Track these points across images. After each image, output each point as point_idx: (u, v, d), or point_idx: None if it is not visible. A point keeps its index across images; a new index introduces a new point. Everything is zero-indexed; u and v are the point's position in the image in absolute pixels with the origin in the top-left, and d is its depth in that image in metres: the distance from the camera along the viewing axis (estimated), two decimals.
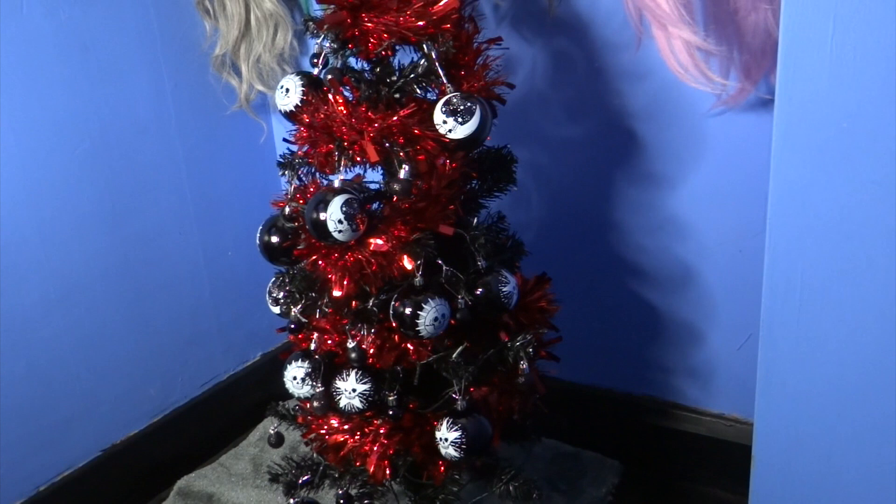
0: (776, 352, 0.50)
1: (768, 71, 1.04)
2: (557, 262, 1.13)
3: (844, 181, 0.45)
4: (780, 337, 0.50)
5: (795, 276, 0.48)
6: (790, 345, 0.50)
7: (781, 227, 0.48)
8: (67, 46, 1.26)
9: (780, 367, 0.51)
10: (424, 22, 0.85)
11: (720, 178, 1.20)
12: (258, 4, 1.42)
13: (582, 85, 1.27)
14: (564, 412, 1.13)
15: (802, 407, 0.51)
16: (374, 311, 0.92)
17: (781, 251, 0.48)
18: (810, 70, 0.44)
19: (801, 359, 0.50)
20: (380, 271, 0.88)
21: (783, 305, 0.49)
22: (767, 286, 0.49)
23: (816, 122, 0.45)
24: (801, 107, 0.45)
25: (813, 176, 0.46)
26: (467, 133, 0.85)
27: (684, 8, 0.96)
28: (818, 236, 0.46)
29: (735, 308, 1.26)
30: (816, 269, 0.47)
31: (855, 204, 0.45)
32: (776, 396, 0.52)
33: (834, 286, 0.47)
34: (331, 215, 0.83)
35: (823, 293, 0.47)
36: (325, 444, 1.00)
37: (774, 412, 0.52)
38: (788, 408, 0.51)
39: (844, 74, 0.43)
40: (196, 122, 1.50)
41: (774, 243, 0.48)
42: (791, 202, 0.47)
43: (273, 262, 0.98)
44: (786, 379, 0.51)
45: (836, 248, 0.46)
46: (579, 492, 1.30)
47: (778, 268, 0.48)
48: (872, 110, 0.43)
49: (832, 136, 0.44)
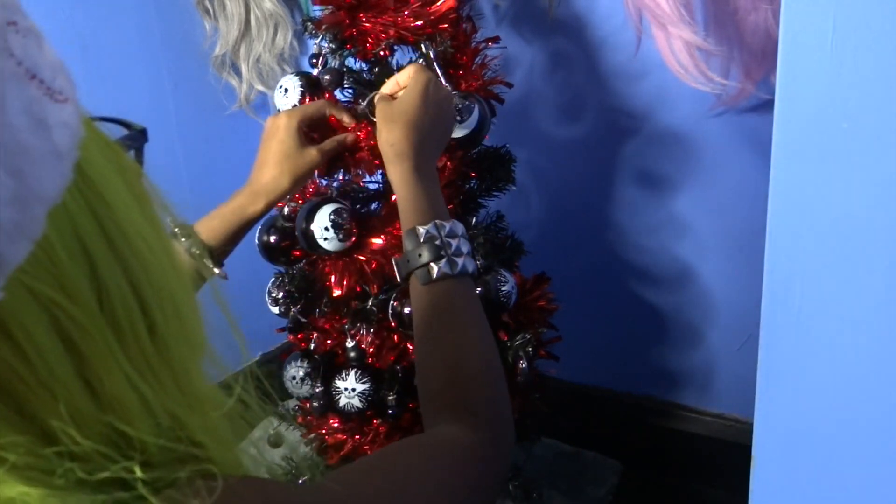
0: (776, 352, 0.50)
1: (768, 71, 1.03)
2: (557, 261, 1.13)
3: (844, 181, 0.45)
4: (780, 337, 0.50)
5: (795, 276, 0.48)
6: (790, 345, 0.49)
7: (781, 227, 0.48)
8: (67, 46, 1.26)
9: (780, 367, 0.51)
10: (422, 22, 0.85)
11: (720, 177, 1.19)
12: (258, 4, 1.42)
13: (581, 85, 1.26)
14: (564, 412, 1.13)
15: (802, 407, 0.51)
16: (374, 311, 0.92)
17: (781, 251, 0.48)
18: (810, 70, 0.44)
19: (801, 359, 0.50)
20: (379, 270, 0.88)
21: (783, 305, 0.49)
22: (767, 286, 0.49)
23: (816, 122, 0.45)
24: (801, 107, 0.45)
25: (813, 176, 0.46)
26: (466, 132, 0.85)
27: (684, 8, 0.96)
28: (818, 236, 0.46)
29: (735, 308, 1.25)
30: (816, 269, 0.47)
31: (855, 204, 0.45)
32: (776, 396, 0.51)
33: (834, 286, 0.47)
34: (317, 224, 0.83)
35: (823, 293, 0.47)
36: (325, 444, 1.00)
37: (774, 412, 0.52)
38: (788, 408, 0.51)
39: (844, 74, 0.43)
40: (196, 122, 1.49)
41: (774, 243, 0.48)
42: (791, 202, 0.47)
43: (272, 261, 0.98)
44: (786, 379, 0.51)
45: (836, 248, 0.46)
46: (579, 492, 1.30)
47: (778, 268, 0.48)
48: (872, 110, 0.43)
49: (832, 136, 0.44)
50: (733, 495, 1.33)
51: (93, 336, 0.29)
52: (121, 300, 0.30)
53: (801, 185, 0.46)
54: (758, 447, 0.53)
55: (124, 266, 0.30)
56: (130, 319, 0.30)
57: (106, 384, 0.29)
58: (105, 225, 0.30)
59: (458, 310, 0.62)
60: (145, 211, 0.33)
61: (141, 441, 0.30)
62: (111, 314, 0.30)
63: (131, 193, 0.32)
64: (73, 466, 0.28)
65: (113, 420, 0.30)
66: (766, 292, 0.48)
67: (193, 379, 0.34)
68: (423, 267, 0.63)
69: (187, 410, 0.33)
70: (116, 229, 0.30)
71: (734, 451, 1.32)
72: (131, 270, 0.30)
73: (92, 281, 0.29)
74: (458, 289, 0.63)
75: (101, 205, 0.30)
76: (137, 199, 0.33)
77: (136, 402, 0.30)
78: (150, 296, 0.31)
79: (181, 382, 0.33)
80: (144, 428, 0.30)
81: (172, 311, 0.33)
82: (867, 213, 0.44)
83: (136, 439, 0.30)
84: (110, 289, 0.30)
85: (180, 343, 0.33)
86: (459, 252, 0.64)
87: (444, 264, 0.62)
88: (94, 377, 0.29)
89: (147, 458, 0.30)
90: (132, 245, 0.31)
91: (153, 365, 0.32)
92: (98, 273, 0.29)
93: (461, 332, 0.61)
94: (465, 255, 0.64)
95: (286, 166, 0.77)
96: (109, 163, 0.31)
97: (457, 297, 0.63)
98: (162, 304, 0.32)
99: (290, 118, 0.78)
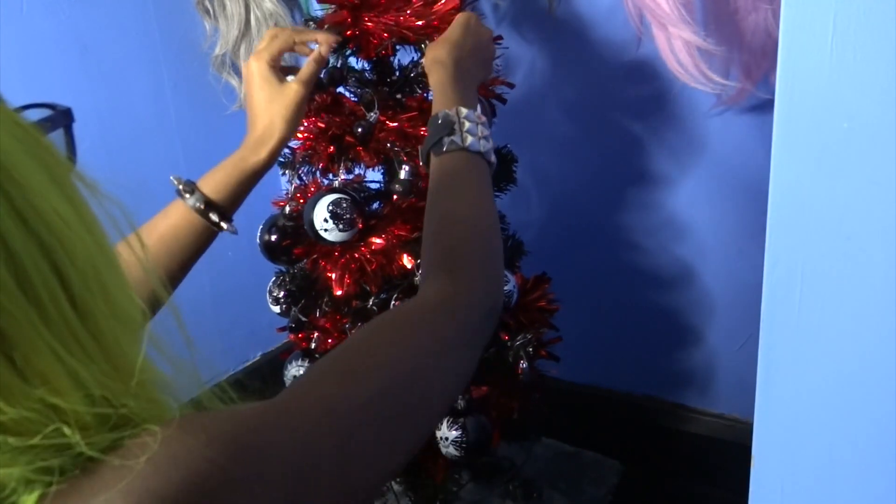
0: (776, 352, 0.50)
1: (768, 71, 1.03)
2: (557, 261, 1.13)
3: (844, 181, 0.45)
4: (780, 337, 0.50)
5: (795, 276, 0.48)
6: (790, 345, 0.50)
7: (781, 227, 0.48)
8: (67, 46, 1.26)
9: (780, 367, 0.51)
10: (424, 21, 0.85)
11: (720, 177, 1.19)
12: (258, 4, 1.42)
13: (582, 85, 1.26)
14: (564, 412, 1.13)
15: (802, 407, 0.51)
16: (375, 310, 0.92)
17: (781, 251, 0.48)
18: (810, 70, 0.44)
19: (801, 359, 0.50)
20: (380, 270, 0.88)
21: (783, 305, 0.49)
22: (767, 286, 0.49)
23: (816, 122, 0.45)
24: (801, 107, 0.45)
25: (813, 176, 0.46)
26: None
27: (684, 8, 0.96)
28: (818, 236, 0.46)
29: (735, 308, 1.26)
30: (816, 269, 0.47)
31: (855, 204, 0.45)
32: (776, 396, 0.51)
33: (834, 286, 0.47)
34: (317, 215, 0.83)
35: (823, 293, 0.47)
36: None
37: (774, 412, 0.52)
38: (788, 408, 0.51)
39: (844, 74, 0.43)
40: (196, 122, 1.50)
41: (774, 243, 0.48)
42: (791, 202, 0.47)
43: (273, 261, 0.98)
44: (786, 379, 0.51)
45: (836, 248, 0.46)
46: (579, 492, 1.30)
47: (778, 268, 0.48)
48: (872, 110, 0.43)
49: (832, 136, 0.44)
50: (733, 495, 1.32)
51: (12, 314, 0.29)
52: (40, 278, 0.30)
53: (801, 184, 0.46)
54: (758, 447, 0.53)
55: (40, 243, 0.30)
56: (53, 296, 0.31)
57: (32, 360, 0.30)
58: (16, 203, 0.30)
59: (459, 178, 0.64)
60: (64, 190, 0.33)
61: (74, 411, 0.31)
62: (31, 292, 0.30)
63: (47, 173, 0.32)
64: (4, 438, 0.29)
65: (43, 394, 0.30)
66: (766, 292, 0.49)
67: (127, 353, 0.34)
68: (438, 143, 0.65)
69: (120, 383, 0.33)
70: (29, 207, 0.30)
71: (734, 451, 1.32)
72: (49, 248, 0.31)
73: (6, 260, 0.29)
74: (466, 162, 0.65)
75: (11, 184, 0.30)
76: (53, 178, 0.32)
77: (64, 375, 0.31)
78: (72, 273, 0.32)
79: (113, 357, 0.33)
80: (76, 399, 0.31)
81: (98, 287, 0.33)
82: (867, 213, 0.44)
83: (69, 410, 0.31)
84: (27, 267, 0.30)
85: (109, 319, 0.33)
86: (475, 132, 0.66)
87: (456, 137, 0.65)
88: (18, 354, 0.30)
89: (83, 426, 0.31)
90: (48, 223, 0.31)
91: (81, 340, 0.32)
92: (11, 251, 0.29)
93: (458, 197, 0.62)
94: (480, 136, 0.66)
95: (273, 109, 0.76)
96: (20, 143, 0.31)
97: (461, 168, 0.65)
98: (86, 281, 0.32)
99: (259, 61, 0.76)
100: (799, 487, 0.52)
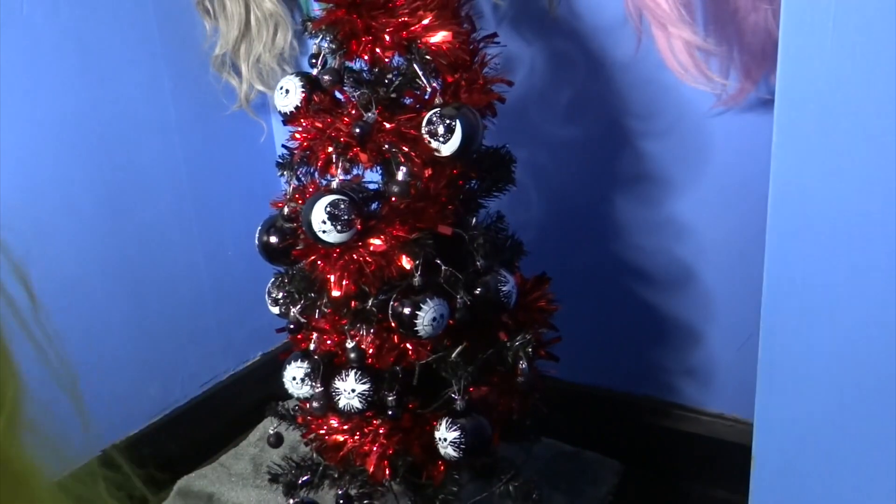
0: (776, 352, 0.50)
1: (768, 71, 1.03)
2: (557, 262, 1.13)
3: (844, 181, 0.45)
4: (780, 337, 0.50)
5: (795, 276, 0.48)
6: (790, 345, 0.49)
7: (781, 227, 0.48)
8: (67, 46, 1.26)
9: (780, 367, 0.51)
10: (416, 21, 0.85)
11: (720, 177, 1.19)
12: (258, 4, 1.42)
13: (582, 85, 1.26)
14: (564, 412, 1.13)
15: (802, 407, 0.51)
16: (373, 312, 0.92)
17: (781, 251, 0.48)
18: (810, 70, 0.44)
19: (801, 359, 0.50)
20: (378, 271, 0.88)
21: (783, 305, 0.49)
22: (767, 286, 0.49)
23: (816, 122, 0.45)
24: (801, 107, 0.45)
25: (813, 176, 0.46)
26: (452, 150, 0.85)
27: (684, 8, 0.96)
28: (818, 236, 0.46)
29: (735, 308, 1.25)
30: (816, 269, 0.47)
31: (855, 204, 0.45)
32: (776, 396, 0.51)
33: (834, 286, 0.47)
34: (315, 216, 0.83)
35: (823, 293, 0.47)
36: (324, 444, 1.00)
37: (774, 412, 0.52)
38: (788, 408, 0.51)
39: (844, 74, 0.43)
40: (196, 122, 1.49)
41: (774, 243, 0.48)
42: (791, 202, 0.47)
43: (272, 262, 0.98)
44: (786, 379, 0.51)
45: (836, 248, 0.46)
46: (579, 492, 1.30)
47: (778, 268, 0.48)
48: (872, 110, 0.43)
49: (832, 136, 0.44)
50: (733, 495, 1.33)
51: None
52: None
53: (801, 184, 0.46)
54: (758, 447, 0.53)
55: None
56: None
57: None
58: None
59: None
60: None
61: None
62: None
63: None
64: None
65: None
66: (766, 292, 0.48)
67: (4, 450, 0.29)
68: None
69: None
70: None
71: (734, 451, 1.32)
72: None
73: None
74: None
75: None
76: None
77: None
78: None
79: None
80: None
81: None
82: (867, 213, 0.44)
83: None
84: None
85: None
86: None
87: None
88: None
89: None
90: None
91: None
92: None
93: None
94: None
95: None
96: None
97: None
98: None
99: None
100: (799, 487, 0.52)
